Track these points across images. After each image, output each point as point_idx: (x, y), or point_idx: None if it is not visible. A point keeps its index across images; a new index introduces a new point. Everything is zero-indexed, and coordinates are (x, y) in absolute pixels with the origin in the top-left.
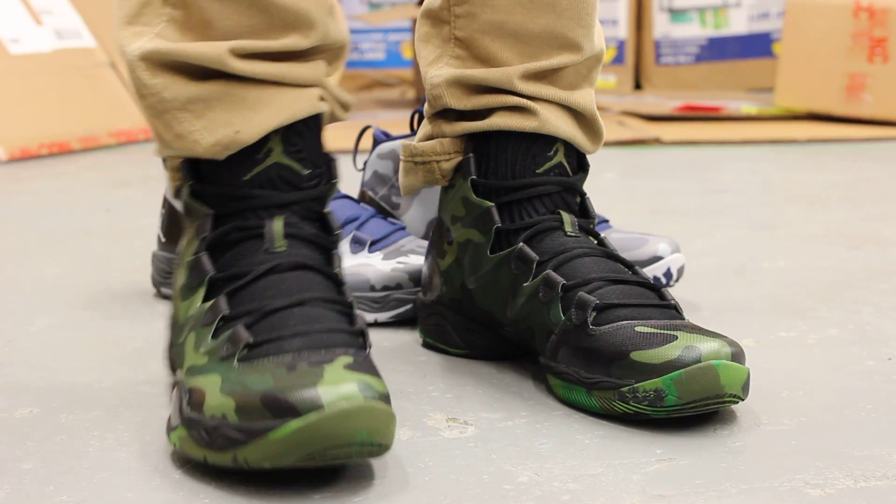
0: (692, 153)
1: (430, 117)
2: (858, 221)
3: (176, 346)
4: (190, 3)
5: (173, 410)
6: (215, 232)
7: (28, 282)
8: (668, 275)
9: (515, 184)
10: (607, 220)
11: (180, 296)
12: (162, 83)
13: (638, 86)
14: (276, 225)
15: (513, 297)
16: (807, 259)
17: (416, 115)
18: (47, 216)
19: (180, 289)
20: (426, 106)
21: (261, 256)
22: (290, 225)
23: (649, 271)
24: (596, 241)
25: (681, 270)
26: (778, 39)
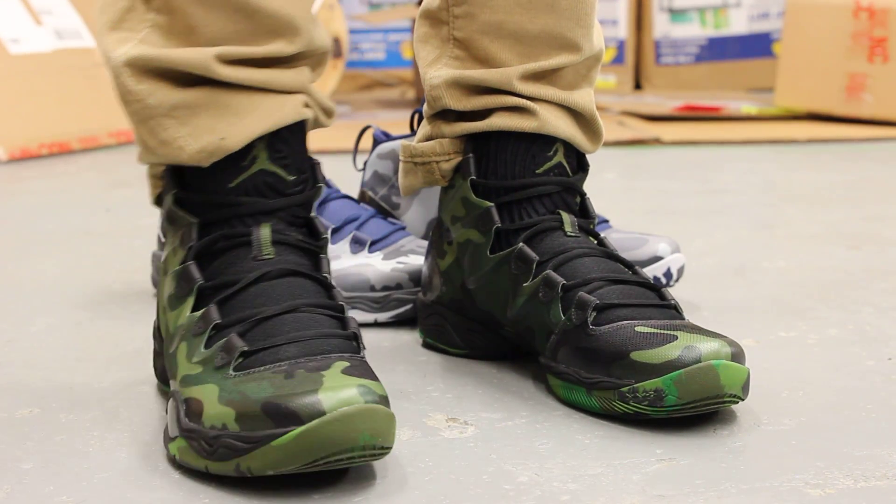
0: (692, 153)
1: (430, 118)
2: (858, 221)
3: (167, 356)
4: (174, 9)
5: (170, 421)
6: (202, 241)
7: (28, 282)
8: (668, 275)
9: (515, 184)
10: (607, 220)
11: (168, 305)
12: (146, 89)
13: (638, 86)
14: (264, 232)
15: (513, 297)
16: (807, 259)
17: (416, 116)
18: (47, 216)
19: (168, 298)
20: (425, 106)
21: (249, 264)
22: (276, 232)
23: (649, 271)
24: (596, 241)
25: (681, 270)
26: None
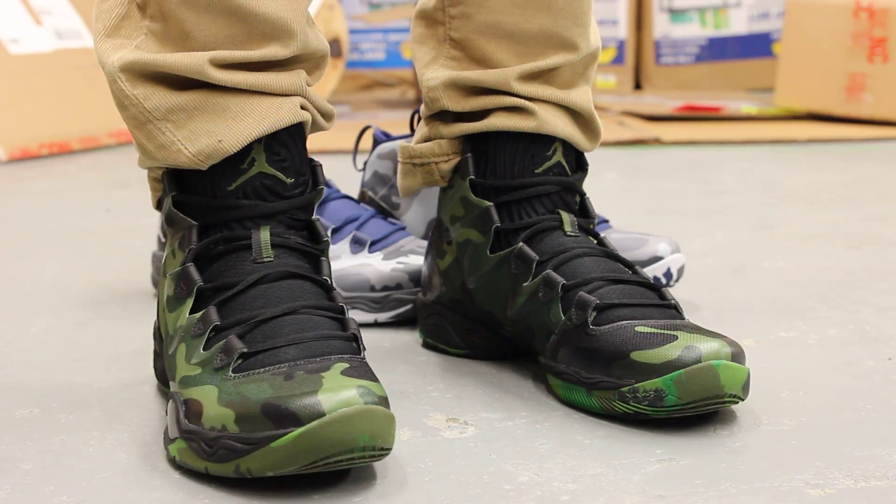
0: (692, 153)
1: (427, 119)
2: (858, 221)
3: (166, 358)
4: (169, 15)
5: (170, 423)
6: (201, 243)
7: (28, 282)
8: (668, 275)
9: (514, 183)
10: (607, 221)
11: (167, 307)
12: (143, 94)
13: (638, 86)
14: (263, 235)
15: (513, 296)
16: (807, 259)
17: (416, 116)
18: (47, 216)
19: (167, 300)
20: (423, 107)
21: (249, 266)
22: (276, 235)
23: (649, 271)
24: (596, 241)
25: (681, 270)
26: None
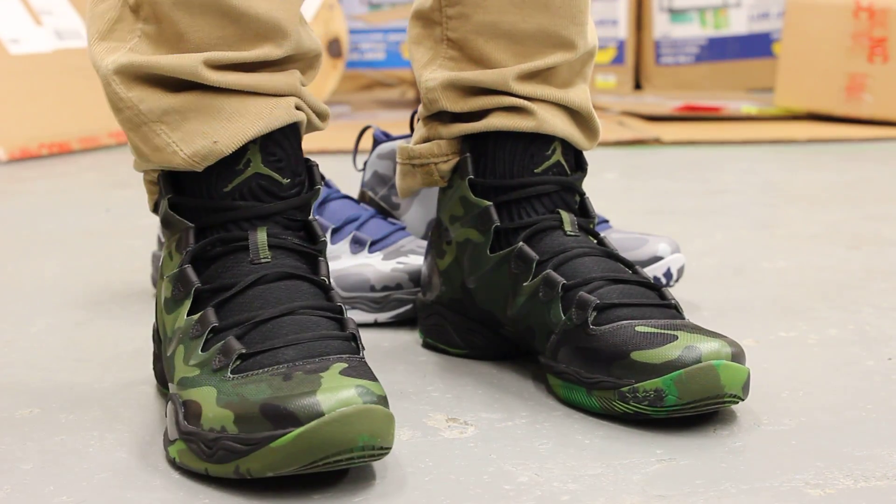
0: (692, 153)
1: (425, 119)
2: (858, 221)
3: (164, 359)
4: (162, 18)
5: (170, 424)
6: (198, 244)
7: (28, 282)
8: (668, 275)
9: (514, 183)
10: (607, 221)
11: (165, 309)
12: (137, 96)
13: (638, 86)
14: (260, 236)
15: (513, 296)
16: (807, 259)
17: (416, 116)
18: (47, 216)
19: (165, 302)
20: (421, 108)
21: (246, 268)
22: (273, 236)
23: (649, 271)
24: (596, 241)
25: (681, 270)
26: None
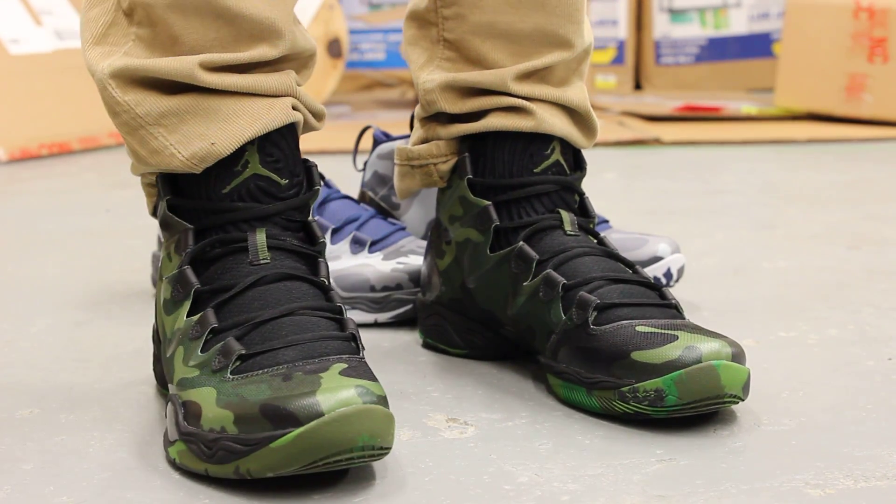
0: (692, 153)
1: (423, 120)
2: (858, 221)
3: (164, 360)
4: (156, 21)
5: (170, 425)
6: (197, 246)
7: (28, 282)
8: (668, 275)
9: (513, 182)
10: (607, 221)
11: (164, 310)
12: (134, 99)
13: (638, 86)
14: (259, 237)
15: (513, 296)
16: (807, 259)
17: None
18: (47, 217)
19: (164, 303)
20: (418, 109)
21: (245, 269)
22: (272, 237)
23: (649, 272)
24: (596, 241)
25: (681, 271)
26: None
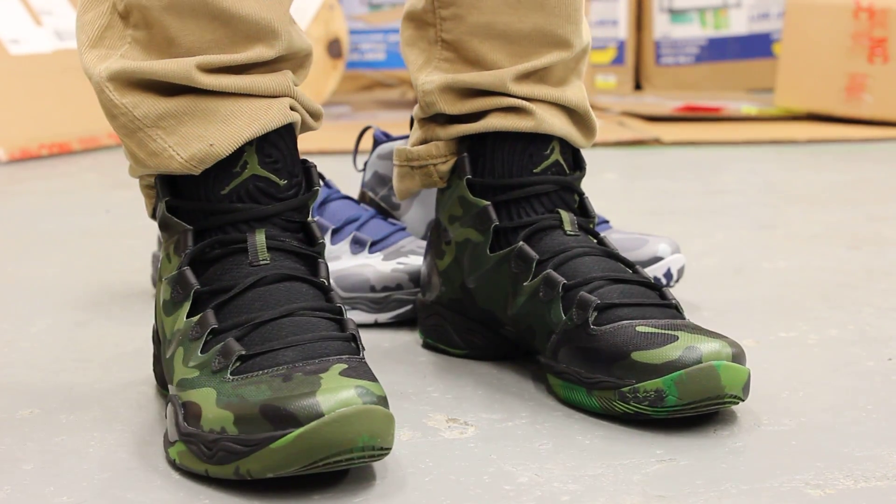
0: (692, 154)
1: (422, 121)
2: (858, 221)
3: (164, 361)
4: (152, 23)
5: (170, 426)
6: (197, 246)
7: (28, 282)
8: (668, 275)
9: (512, 182)
10: (607, 221)
11: (164, 311)
12: (131, 102)
13: (638, 86)
14: (259, 238)
15: (513, 296)
16: (807, 259)
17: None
18: (47, 217)
19: (164, 304)
20: (417, 110)
21: (245, 270)
22: (271, 237)
23: (649, 272)
24: (596, 241)
25: (681, 271)
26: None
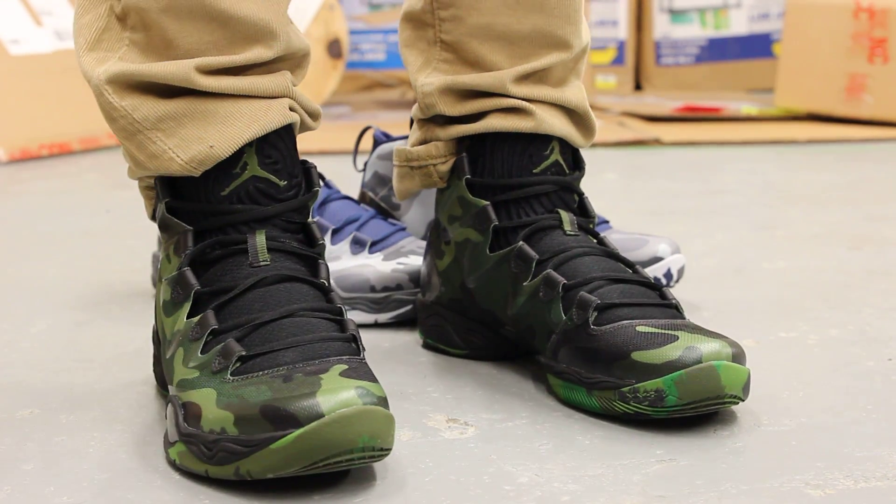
0: (692, 154)
1: (421, 121)
2: (858, 222)
3: (164, 362)
4: (150, 25)
5: (170, 426)
6: (197, 247)
7: (28, 283)
8: (668, 275)
9: (511, 182)
10: (607, 221)
11: (164, 311)
12: (131, 104)
13: (638, 86)
14: (259, 239)
15: (513, 295)
16: (807, 259)
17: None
18: (47, 217)
19: (163, 305)
20: (416, 110)
21: (245, 270)
22: (272, 238)
23: (649, 272)
24: (596, 241)
25: (681, 271)
26: (778, 40)
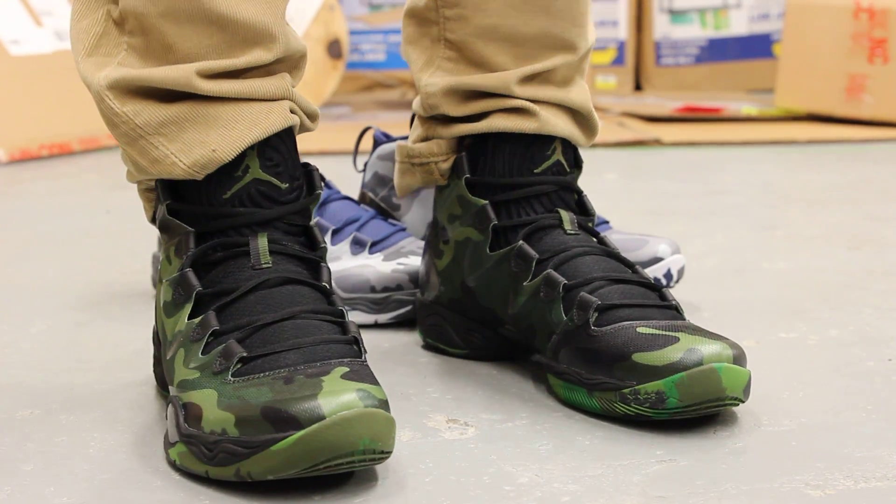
0: (692, 154)
1: (423, 119)
2: (858, 222)
3: (164, 362)
4: (149, 29)
5: (170, 427)
6: (199, 248)
7: (28, 283)
8: (668, 276)
9: (511, 182)
10: (607, 221)
11: (164, 312)
12: (132, 110)
13: (638, 87)
14: (261, 242)
15: (513, 295)
16: (807, 260)
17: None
18: (47, 217)
19: (164, 305)
20: (418, 106)
21: (247, 272)
22: (273, 241)
23: (650, 272)
24: (596, 240)
25: (681, 271)
26: (778, 40)
